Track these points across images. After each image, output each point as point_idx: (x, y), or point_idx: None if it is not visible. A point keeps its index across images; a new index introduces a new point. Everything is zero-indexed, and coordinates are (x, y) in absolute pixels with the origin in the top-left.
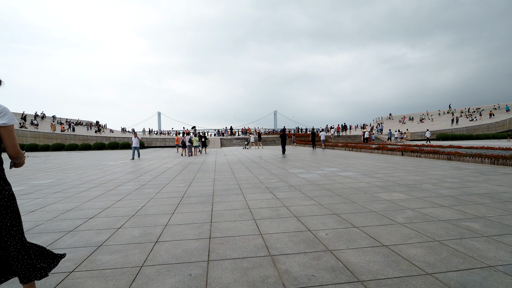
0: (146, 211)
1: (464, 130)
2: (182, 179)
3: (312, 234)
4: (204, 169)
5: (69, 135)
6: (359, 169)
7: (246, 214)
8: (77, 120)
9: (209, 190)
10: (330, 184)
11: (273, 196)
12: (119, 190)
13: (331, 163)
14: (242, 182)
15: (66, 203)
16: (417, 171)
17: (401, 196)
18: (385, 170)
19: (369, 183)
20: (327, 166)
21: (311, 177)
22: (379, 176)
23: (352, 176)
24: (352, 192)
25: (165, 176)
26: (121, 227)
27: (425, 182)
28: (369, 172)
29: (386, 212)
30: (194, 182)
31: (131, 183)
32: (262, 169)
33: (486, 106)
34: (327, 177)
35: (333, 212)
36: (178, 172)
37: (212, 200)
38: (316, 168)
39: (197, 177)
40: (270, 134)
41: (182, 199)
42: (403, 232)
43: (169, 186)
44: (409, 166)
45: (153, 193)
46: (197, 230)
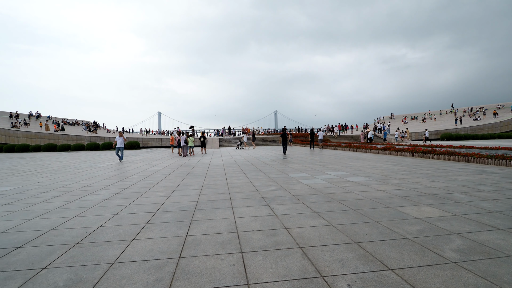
0: (98, 236)
1: (469, 130)
2: (165, 186)
3: (327, 285)
4: (195, 172)
5: (62, 135)
6: (370, 173)
7: (232, 241)
8: (75, 120)
9: (192, 201)
10: (340, 194)
11: (270, 212)
12: (83, 202)
13: (336, 165)
14: (234, 191)
15: (5, 220)
16: (438, 176)
17: (435, 212)
18: (400, 174)
19: (387, 192)
20: (333, 170)
21: (316, 184)
22: (396, 183)
23: (364, 182)
24: (369, 205)
25: (147, 181)
26: (47, 267)
27: (454, 191)
28: (382, 177)
29: (425, 240)
30: (178, 190)
31: (103, 191)
32: (259, 173)
33: (489, 106)
34: (334, 184)
35: (352, 239)
36: (164, 176)
37: (191, 218)
38: (321, 172)
39: (183, 183)
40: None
41: (153, 216)
42: (467, 282)
43: (146, 195)
44: (425, 169)
45: (121, 206)
46: (154, 275)
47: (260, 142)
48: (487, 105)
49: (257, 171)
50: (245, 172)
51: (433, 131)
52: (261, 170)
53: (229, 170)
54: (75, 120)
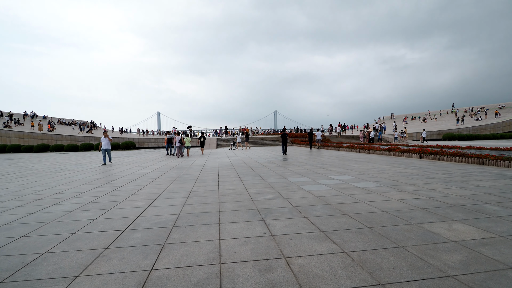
0: (33, 271)
1: (471, 130)
2: (148, 193)
3: None
4: (185, 176)
5: (55, 135)
6: (379, 177)
7: (211, 282)
8: (71, 120)
9: (172, 214)
10: (349, 204)
11: (265, 230)
12: (43, 214)
13: (340, 168)
14: (225, 200)
15: None
16: (456, 181)
17: (472, 232)
18: (412, 179)
19: (404, 202)
20: (337, 173)
21: (320, 191)
22: (411, 190)
23: (375, 188)
24: (387, 221)
25: (129, 187)
26: None
27: (483, 201)
28: (394, 182)
29: (477, 281)
30: (161, 198)
31: (74, 200)
32: (256, 176)
33: (491, 106)
34: (341, 191)
35: (375, 279)
36: (151, 181)
37: (165, 239)
38: (324, 176)
39: (169, 189)
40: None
41: (119, 237)
42: None
43: (121, 205)
44: (439, 172)
45: (85, 221)
46: None
47: (259, 142)
48: (488, 105)
49: (253, 174)
50: (240, 176)
51: (435, 131)
52: (258, 174)
53: (223, 174)
54: (72, 120)
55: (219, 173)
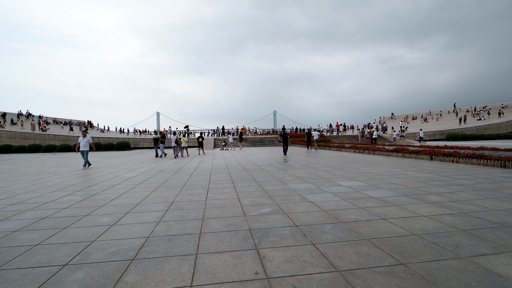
0: None
1: (474, 130)
2: (120, 204)
3: None
4: (172, 181)
5: (48, 135)
6: (393, 183)
7: None
8: (68, 120)
9: (139, 238)
10: (367, 223)
11: (258, 268)
12: None
13: (346, 171)
14: (211, 214)
15: None
16: (487, 189)
17: None
18: (433, 186)
19: (438, 221)
20: (344, 178)
21: (327, 202)
22: (439, 201)
23: (393, 199)
24: (425, 253)
25: (102, 196)
26: None
27: None
28: (413, 190)
29: None
30: (133, 212)
31: (29, 214)
32: (252, 182)
33: (493, 105)
34: (352, 202)
35: None
36: (131, 187)
37: (113, 285)
38: (329, 182)
39: (148, 199)
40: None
41: (50, 279)
42: None
43: (79, 223)
44: (461, 178)
45: (23, 248)
46: None
47: (258, 142)
48: (491, 104)
49: (249, 179)
50: (234, 182)
51: (438, 131)
52: (255, 179)
53: (216, 178)
54: (68, 120)
55: (211, 177)
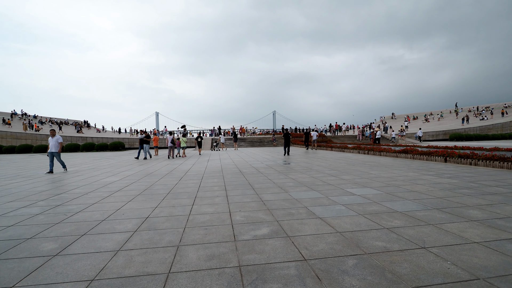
0: None
1: (478, 130)
2: (82, 220)
3: None
4: (156, 188)
5: (40, 135)
6: (414, 191)
7: None
8: (65, 120)
9: (76, 285)
10: (401, 255)
11: None
12: None
13: (354, 175)
14: (191, 239)
15: None
16: None
17: None
18: (465, 196)
19: (500, 252)
20: (354, 184)
21: (341, 218)
22: (483, 218)
23: (423, 215)
24: None
25: (65, 208)
26: None
27: None
28: (443, 202)
29: None
30: (91, 233)
31: None
32: (247, 189)
33: (496, 105)
34: (372, 219)
35: None
36: (107, 195)
37: None
38: (338, 189)
39: (120, 212)
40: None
41: None
42: None
43: (7, 254)
44: (491, 184)
45: None
46: None
47: (257, 143)
48: (493, 104)
49: (245, 186)
50: (227, 188)
51: (441, 131)
52: (251, 185)
53: (207, 184)
54: (65, 120)
55: (202, 182)
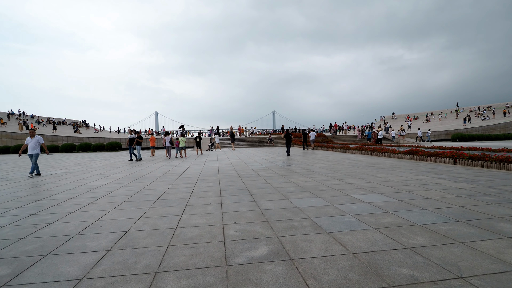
0: None
1: (480, 130)
2: (52, 234)
3: None
4: (145, 193)
5: None
6: (429, 198)
7: None
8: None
9: None
10: None
11: None
12: None
13: (360, 178)
14: (172, 263)
15: None
16: None
17: None
18: (488, 205)
19: None
20: (361, 189)
21: (352, 233)
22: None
23: (448, 229)
24: None
25: (38, 219)
26: None
27: None
28: (466, 212)
29: None
30: (55, 253)
31: None
32: (245, 195)
33: (497, 105)
34: (390, 235)
35: None
36: (89, 202)
37: None
38: (344, 195)
39: (97, 224)
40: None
41: None
42: None
43: None
44: (510, 188)
45: None
46: None
47: (256, 143)
48: (495, 104)
49: (242, 191)
50: (222, 194)
51: (443, 131)
52: (249, 190)
53: (201, 189)
54: (63, 120)
55: (196, 187)
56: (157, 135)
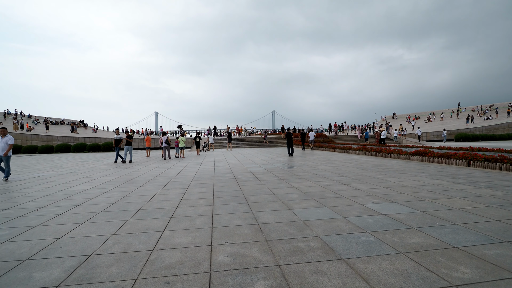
0: None
1: (484, 130)
2: None
3: None
4: (128, 201)
5: (31, 135)
6: (456, 209)
7: None
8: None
9: None
10: None
11: None
12: None
13: (370, 183)
14: None
15: None
16: None
17: None
18: None
19: None
20: (373, 196)
21: (374, 259)
22: None
23: (494, 254)
24: None
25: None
26: None
27: None
28: (508, 227)
29: None
30: None
31: None
32: (240, 204)
33: (500, 104)
34: (426, 265)
35: None
36: (62, 212)
37: None
38: (355, 204)
39: (57, 244)
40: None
41: None
42: None
43: None
44: None
45: None
46: None
47: (255, 143)
48: (498, 103)
49: (238, 199)
50: (215, 202)
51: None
52: (246, 197)
53: (192, 196)
54: (61, 120)
55: (186, 193)
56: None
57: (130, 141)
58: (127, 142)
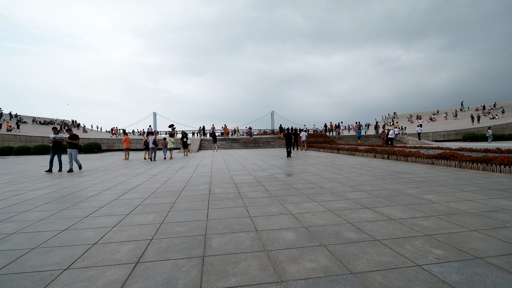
0: None
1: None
2: None
3: None
4: (82, 226)
5: (7, 135)
6: None
7: None
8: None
9: None
10: None
11: None
12: None
13: (405, 206)
14: None
15: None
16: None
17: None
18: None
19: None
20: (424, 237)
21: None
22: None
23: None
24: None
25: None
26: None
27: None
28: None
29: None
30: None
31: None
32: (187, 260)
33: (505, 103)
34: None
35: None
36: None
37: None
38: (402, 258)
39: None
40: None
41: None
42: None
43: None
44: None
45: None
46: None
47: (251, 144)
48: (502, 102)
49: (191, 243)
50: (146, 254)
51: (453, 131)
52: (206, 239)
53: (120, 234)
54: (50, 120)
55: (116, 228)
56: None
57: (75, 142)
58: (71, 144)
